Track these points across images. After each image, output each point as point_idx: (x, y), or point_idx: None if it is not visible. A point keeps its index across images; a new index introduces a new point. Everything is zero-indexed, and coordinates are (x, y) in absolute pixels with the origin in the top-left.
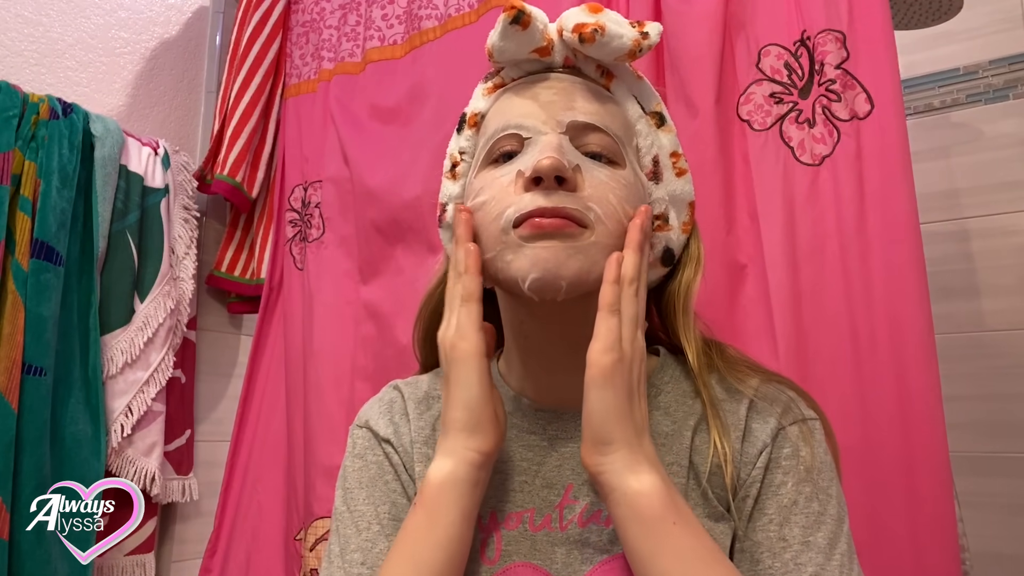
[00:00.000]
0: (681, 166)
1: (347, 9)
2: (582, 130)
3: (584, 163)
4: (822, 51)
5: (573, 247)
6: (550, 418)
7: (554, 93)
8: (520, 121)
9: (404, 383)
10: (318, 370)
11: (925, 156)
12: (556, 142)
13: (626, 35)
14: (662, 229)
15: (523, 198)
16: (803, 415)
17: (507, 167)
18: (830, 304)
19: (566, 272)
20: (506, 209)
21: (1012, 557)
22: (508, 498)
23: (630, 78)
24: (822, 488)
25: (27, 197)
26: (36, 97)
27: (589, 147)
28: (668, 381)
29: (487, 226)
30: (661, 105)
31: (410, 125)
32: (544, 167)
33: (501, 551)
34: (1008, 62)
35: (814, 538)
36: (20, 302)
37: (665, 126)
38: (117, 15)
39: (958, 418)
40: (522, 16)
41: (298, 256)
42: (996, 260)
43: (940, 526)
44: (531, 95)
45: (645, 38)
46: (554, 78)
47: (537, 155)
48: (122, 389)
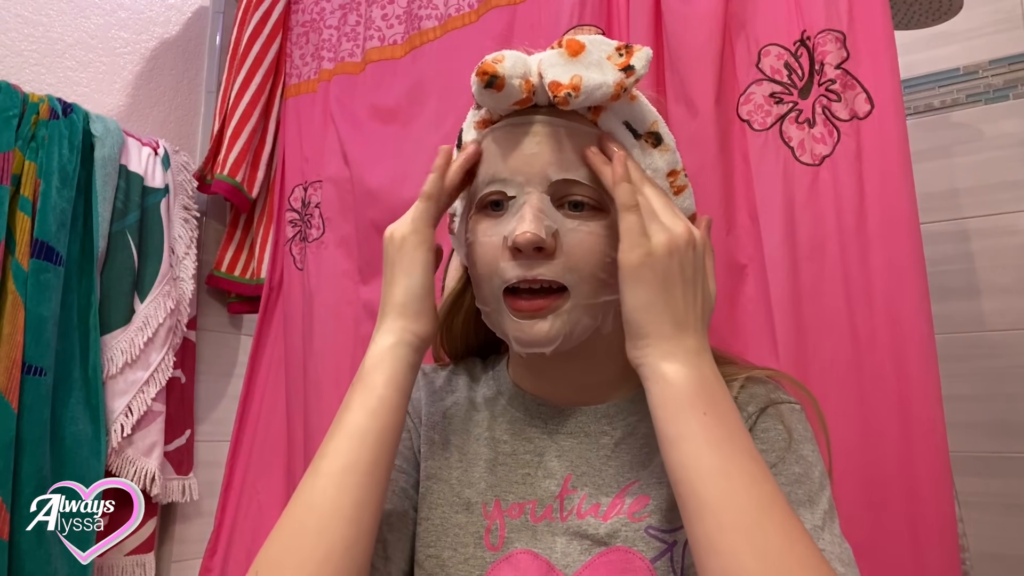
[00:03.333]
0: (679, 183)
1: (347, 9)
2: (563, 185)
3: (563, 225)
4: (822, 51)
5: (555, 316)
6: (551, 412)
7: (537, 143)
8: (505, 176)
9: (427, 367)
10: (318, 370)
11: (925, 156)
12: (536, 207)
13: (606, 82)
14: None
15: (507, 268)
16: (784, 399)
17: (495, 224)
18: (830, 304)
19: (549, 340)
20: (494, 275)
21: (1012, 557)
22: (511, 489)
23: (620, 104)
24: (803, 456)
25: (27, 197)
26: (36, 97)
27: (572, 197)
28: None
29: (481, 283)
30: (658, 123)
31: (410, 125)
32: (523, 242)
33: (504, 538)
34: (1008, 62)
35: (795, 494)
36: (20, 302)
37: (661, 146)
38: (117, 15)
39: (958, 418)
40: (495, 80)
41: (298, 256)
42: (996, 260)
43: (940, 526)
44: (514, 145)
45: (630, 74)
46: (538, 123)
47: (519, 224)
48: (122, 389)
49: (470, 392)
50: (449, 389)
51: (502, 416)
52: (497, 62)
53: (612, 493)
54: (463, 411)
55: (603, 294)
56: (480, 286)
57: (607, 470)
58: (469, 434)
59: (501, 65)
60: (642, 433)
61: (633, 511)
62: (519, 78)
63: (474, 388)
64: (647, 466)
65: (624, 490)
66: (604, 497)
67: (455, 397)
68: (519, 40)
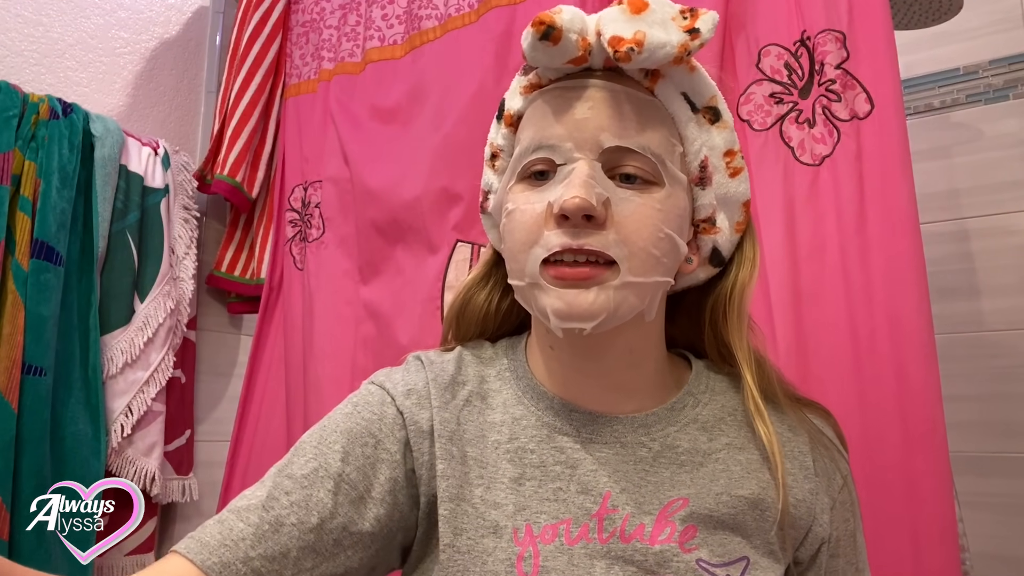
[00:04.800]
0: (736, 165)
1: (347, 9)
2: (616, 153)
3: (615, 194)
4: (822, 51)
5: (600, 290)
6: (585, 419)
7: (589, 108)
8: (553, 143)
9: (428, 359)
10: (318, 370)
11: (925, 156)
12: (586, 173)
13: (670, 42)
14: (708, 232)
15: (551, 236)
16: (847, 459)
17: (538, 192)
18: (830, 304)
19: (592, 314)
20: (535, 244)
21: (1012, 557)
22: (543, 508)
23: (680, 73)
24: (863, 531)
25: (27, 197)
26: (36, 97)
27: (624, 169)
28: (704, 392)
29: (517, 254)
30: (717, 99)
31: (410, 125)
32: (571, 208)
33: (539, 567)
34: (1008, 62)
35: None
36: (20, 302)
37: (720, 122)
38: (117, 15)
39: (958, 418)
40: (552, 32)
41: (298, 256)
42: (996, 260)
43: (940, 526)
44: (565, 110)
45: (695, 37)
46: (592, 87)
47: (566, 190)
48: (122, 389)
49: (482, 385)
50: (460, 381)
51: (525, 420)
52: (556, 13)
53: (655, 511)
54: (476, 412)
55: (654, 273)
56: (516, 258)
57: (647, 486)
58: (486, 442)
59: (559, 16)
60: (682, 448)
61: (684, 540)
62: (576, 33)
63: (487, 381)
64: (689, 486)
65: (667, 508)
66: (647, 516)
67: (466, 391)
68: (519, 40)
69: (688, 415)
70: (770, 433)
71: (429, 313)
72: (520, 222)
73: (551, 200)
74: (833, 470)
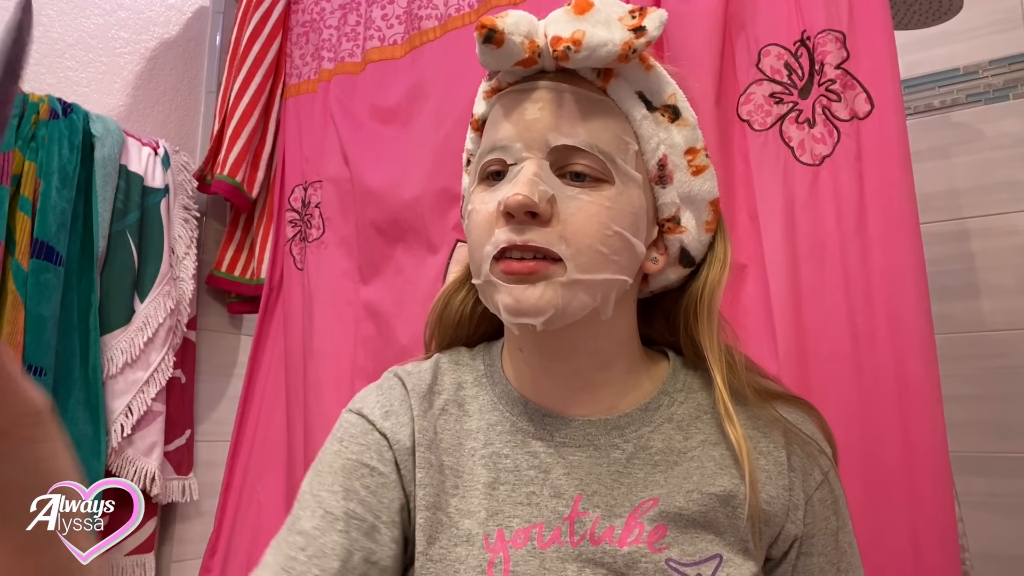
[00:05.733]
0: (699, 163)
1: (347, 9)
2: (564, 152)
3: (561, 192)
4: (822, 51)
5: (547, 285)
6: (558, 423)
7: (539, 109)
8: (504, 143)
9: (405, 372)
10: (318, 370)
11: (925, 156)
12: (532, 172)
13: (612, 40)
14: (674, 231)
15: (500, 233)
16: (830, 455)
17: (492, 192)
18: (830, 304)
19: (540, 309)
20: (487, 242)
21: (1012, 557)
22: (515, 512)
23: (634, 72)
24: (852, 532)
25: (27, 197)
26: (36, 97)
27: (573, 167)
28: (680, 390)
29: (474, 253)
30: (676, 96)
31: (410, 125)
32: (513, 205)
33: (510, 572)
34: (1008, 62)
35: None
36: (20, 302)
37: (679, 120)
38: (117, 15)
39: (958, 418)
40: (493, 35)
41: (298, 256)
42: (996, 260)
43: (940, 526)
44: (517, 112)
45: (640, 35)
46: (543, 88)
47: (511, 188)
48: (122, 389)
49: (458, 392)
50: (436, 390)
51: (500, 425)
52: (499, 16)
53: (625, 513)
54: (453, 420)
55: (604, 271)
56: (473, 256)
57: (619, 488)
58: (462, 450)
59: (502, 20)
60: (656, 448)
61: (653, 540)
62: (522, 36)
63: (463, 387)
64: (663, 485)
65: (637, 509)
66: (617, 519)
67: (442, 400)
68: None
69: (663, 414)
70: (739, 436)
71: None
72: (476, 222)
73: (500, 199)
74: (811, 466)
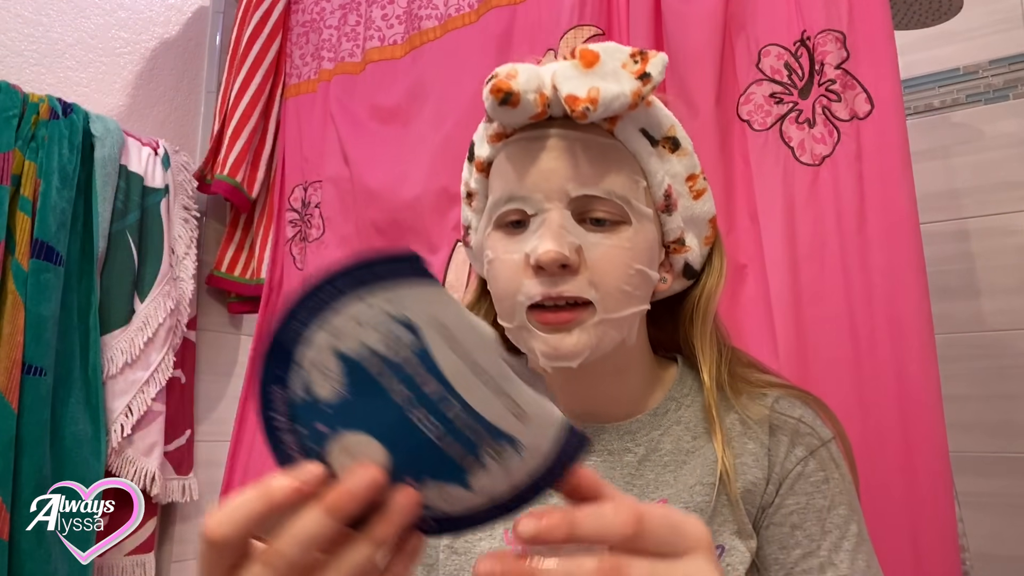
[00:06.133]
0: (699, 187)
1: (347, 9)
2: (583, 200)
3: (585, 240)
4: (822, 51)
5: (580, 330)
6: None
7: (554, 158)
8: (524, 194)
9: None
10: None
11: (925, 156)
12: (557, 224)
13: (624, 93)
14: (679, 252)
15: (531, 285)
16: (823, 437)
17: (515, 242)
18: (830, 304)
19: (576, 353)
20: (518, 292)
21: (1012, 557)
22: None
23: (637, 111)
24: (856, 511)
25: (27, 197)
26: (36, 97)
27: (593, 214)
28: (687, 394)
29: (502, 300)
30: (675, 128)
31: (410, 125)
32: (546, 261)
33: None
34: (1008, 62)
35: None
36: (20, 302)
37: (680, 150)
38: (117, 15)
39: (958, 418)
40: (510, 97)
41: (298, 256)
42: (996, 260)
43: (940, 526)
44: (531, 161)
45: (647, 82)
46: (554, 136)
47: (540, 242)
48: (122, 389)
49: None
50: None
51: None
52: (511, 78)
53: None
54: None
55: (628, 307)
56: (502, 303)
57: (632, 490)
58: None
59: (515, 81)
60: (666, 449)
61: None
62: (534, 92)
63: None
64: (672, 485)
65: None
66: None
67: None
68: (519, 40)
69: (671, 418)
70: (717, 422)
71: None
72: (501, 272)
73: (527, 251)
74: (793, 443)
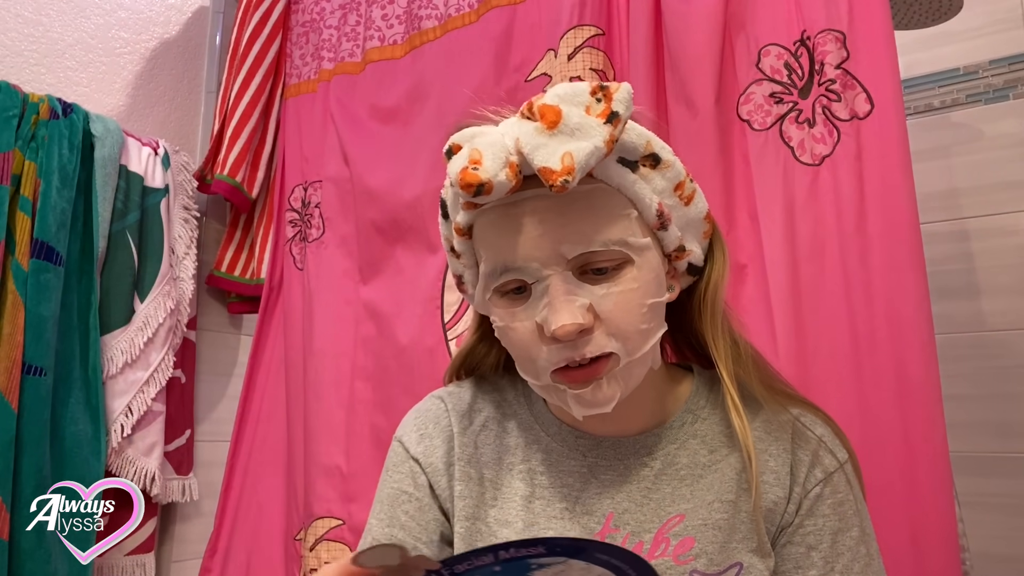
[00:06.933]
0: (688, 193)
1: (347, 9)
2: (581, 257)
3: (593, 295)
4: (822, 51)
5: (608, 380)
6: (590, 445)
7: (539, 223)
8: (519, 264)
9: (446, 392)
10: (318, 370)
11: (925, 156)
12: (563, 291)
13: (597, 147)
14: (681, 257)
15: (552, 351)
16: (841, 459)
17: (523, 309)
18: (830, 304)
19: (608, 400)
20: (538, 358)
21: (1012, 557)
22: (549, 525)
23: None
24: (867, 532)
25: (27, 197)
26: (36, 97)
27: (595, 265)
28: (704, 406)
29: (523, 363)
30: (651, 143)
31: (410, 125)
32: (562, 335)
33: None
34: (1008, 62)
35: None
36: (20, 302)
37: (661, 164)
38: (117, 15)
39: (958, 418)
40: (483, 188)
41: (298, 256)
42: (996, 260)
43: (940, 526)
44: (516, 230)
45: (616, 123)
46: (534, 199)
47: (551, 315)
48: (122, 389)
49: (498, 410)
50: (477, 408)
51: (537, 444)
52: (476, 166)
53: (654, 529)
54: (493, 436)
55: (648, 341)
56: (523, 365)
57: (648, 504)
58: (502, 464)
59: (482, 169)
60: (682, 464)
61: (678, 553)
62: (503, 169)
63: (502, 405)
64: (689, 500)
65: (666, 525)
66: (647, 534)
67: (483, 417)
68: (519, 40)
69: (688, 431)
70: (744, 427)
71: (429, 313)
72: (516, 340)
73: (538, 320)
74: (814, 464)
